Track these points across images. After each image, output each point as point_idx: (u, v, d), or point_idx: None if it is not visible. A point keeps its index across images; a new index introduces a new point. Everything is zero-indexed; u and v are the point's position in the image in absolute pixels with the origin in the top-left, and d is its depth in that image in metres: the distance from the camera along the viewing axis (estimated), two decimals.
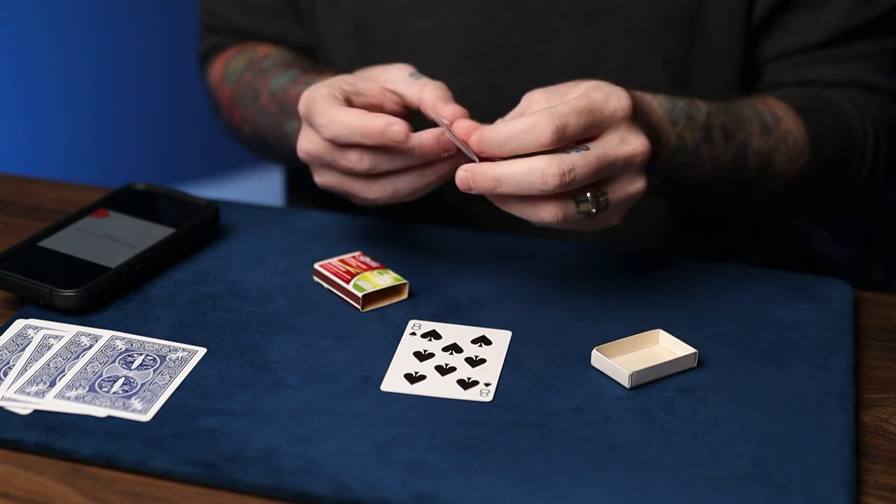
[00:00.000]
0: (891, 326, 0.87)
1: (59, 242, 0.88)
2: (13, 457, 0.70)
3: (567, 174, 0.77)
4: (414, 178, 0.85)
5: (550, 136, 0.77)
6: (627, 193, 0.82)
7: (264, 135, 1.07)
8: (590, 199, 0.80)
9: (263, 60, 1.09)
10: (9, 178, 1.06)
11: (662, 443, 0.72)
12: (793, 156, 0.99)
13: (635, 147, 0.81)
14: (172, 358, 0.78)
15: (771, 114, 0.99)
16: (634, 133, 0.81)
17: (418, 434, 0.72)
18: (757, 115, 0.98)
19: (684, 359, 0.79)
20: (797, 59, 1.07)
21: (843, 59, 1.06)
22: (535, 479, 0.69)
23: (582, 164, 0.78)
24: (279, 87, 1.03)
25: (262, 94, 1.05)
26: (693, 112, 0.91)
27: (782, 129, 0.99)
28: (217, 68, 1.15)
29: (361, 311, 0.84)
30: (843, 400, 0.76)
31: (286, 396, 0.75)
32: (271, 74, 1.05)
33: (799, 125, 1.00)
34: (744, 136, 0.95)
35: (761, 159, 0.97)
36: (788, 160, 0.99)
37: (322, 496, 0.67)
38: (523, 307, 0.86)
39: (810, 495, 0.68)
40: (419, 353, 0.80)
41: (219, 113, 1.16)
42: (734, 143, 0.94)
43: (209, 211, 0.93)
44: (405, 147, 0.82)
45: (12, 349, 0.79)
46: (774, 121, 0.98)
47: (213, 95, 1.16)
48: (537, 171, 0.77)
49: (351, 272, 0.86)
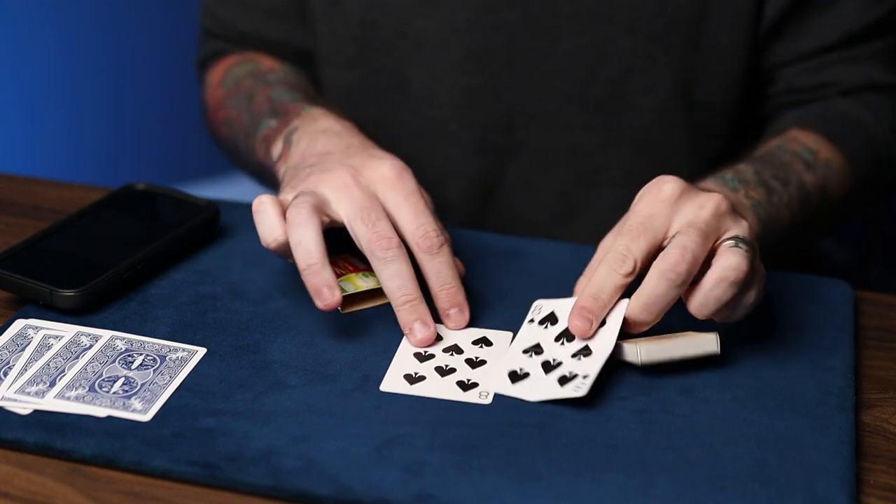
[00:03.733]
0: (891, 326, 0.87)
1: (59, 242, 0.88)
2: (13, 457, 0.71)
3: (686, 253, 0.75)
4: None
5: (626, 274, 0.76)
6: (744, 231, 0.78)
7: (236, 135, 1.06)
8: (735, 242, 0.77)
9: (268, 74, 1.08)
10: (9, 178, 1.06)
11: (662, 443, 0.72)
12: (841, 180, 1.01)
13: (710, 202, 0.78)
14: (172, 358, 0.78)
15: (807, 149, 1.00)
16: (699, 193, 0.79)
17: (418, 434, 0.72)
18: (795, 156, 0.99)
19: (702, 339, 0.77)
20: (812, 63, 1.07)
21: (857, 59, 1.06)
22: (535, 479, 0.69)
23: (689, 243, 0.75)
24: (278, 98, 1.02)
25: (256, 98, 1.04)
26: (743, 176, 0.91)
27: (822, 160, 1.00)
28: (217, 72, 1.14)
29: (342, 312, 0.84)
30: (843, 400, 0.76)
31: (286, 396, 0.75)
32: (274, 87, 1.05)
33: (834, 151, 1.01)
34: (796, 178, 0.96)
35: (819, 193, 0.98)
36: (839, 185, 1.01)
37: (322, 496, 0.67)
38: (523, 307, 0.86)
39: (810, 495, 0.68)
40: (419, 353, 0.80)
41: (206, 114, 1.16)
42: (791, 187, 0.94)
43: (209, 211, 0.93)
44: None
45: (12, 349, 0.79)
46: (812, 155, 0.99)
47: (205, 97, 1.16)
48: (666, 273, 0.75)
49: (336, 273, 0.86)
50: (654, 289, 0.75)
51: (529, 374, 0.76)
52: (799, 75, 1.07)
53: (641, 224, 0.77)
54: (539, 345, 0.79)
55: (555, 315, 0.80)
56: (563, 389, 0.74)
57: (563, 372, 0.76)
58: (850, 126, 1.05)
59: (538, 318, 0.81)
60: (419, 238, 0.81)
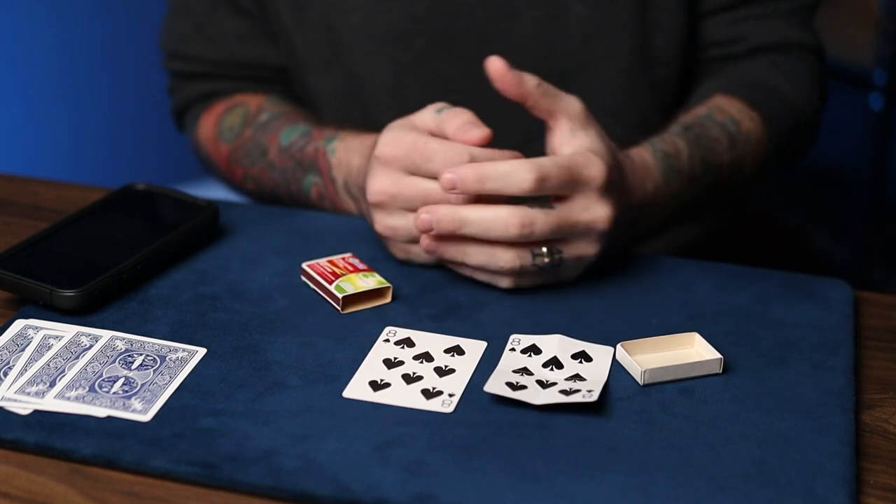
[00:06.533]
0: (891, 326, 0.87)
1: (59, 242, 0.88)
2: (13, 457, 0.70)
3: (527, 226, 0.82)
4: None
5: (530, 185, 0.82)
6: (581, 256, 0.86)
7: (272, 188, 1.07)
8: (545, 254, 0.85)
9: (259, 115, 1.09)
10: (9, 178, 1.06)
11: (662, 443, 0.72)
12: (757, 152, 1.06)
13: (598, 216, 0.85)
14: (172, 358, 0.78)
15: (731, 120, 1.04)
16: (602, 203, 0.85)
17: (418, 434, 0.72)
18: (722, 129, 1.03)
19: (705, 363, 0.78)
20: (728, 16, 1.12)
21: (768, 17, 1.12)
22: (535, 479, 0.69)
23: (543, 220, 0.83)
24: (290, 143, 1.04)
25: (270, 149, 1.06)
26: (680, 164, 0.98)
27: (744, 132, 1.05)
28: (207, 126, 1.15)
29: (342, 312, 0.84)
30: (843, 400, 0.76)
31: (286, 396, 0.75)
32: (276, 130, 1.06)
33: (755, 121, 1.06)
34: (717, 158, 1.01)
35: (732, 169, 1.04)
36: (754, 158, 1.06)
37: (322, 496, 0.67)
38: (523, 308, 0.86)
39: (810, 495, 0.68)
40: (389, 360, 0.79)
41: (212, 169, 1.17)
42: (712, 170, 1.01)
43: (209, 211, 0.93)
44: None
45: (12, 349, 0.79)
46: (736, 127, 1.04)
47: (203, 152, 1.16)
48: (501, 218, 0.82)
49: (336, 273, 0.86)
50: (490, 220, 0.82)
51: (527, 386, 0.76)
52: (715, 29, 1.12)
53: (563, 216, 0.84)
54: (527, 368, 0.78)
55: (537, 347, 0.80)
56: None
57: (563, 387, 0.76)
58: (770, 94, 1.09)
59: (519, 348, 0.80)
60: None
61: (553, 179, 0.82)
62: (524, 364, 0.78)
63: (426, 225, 0.84)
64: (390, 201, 0.86)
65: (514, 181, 0.82)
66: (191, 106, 1.19)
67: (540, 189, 0.82)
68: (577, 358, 0.79)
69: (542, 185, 0.82)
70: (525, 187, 0.82)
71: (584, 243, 0.86)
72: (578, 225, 0.85)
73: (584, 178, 0.84)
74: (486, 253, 0.84)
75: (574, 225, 0.84)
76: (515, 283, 0.86)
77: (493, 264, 0.84)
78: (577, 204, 0.84)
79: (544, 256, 0.84)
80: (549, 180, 0.82)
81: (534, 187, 0.82)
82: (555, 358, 0.79)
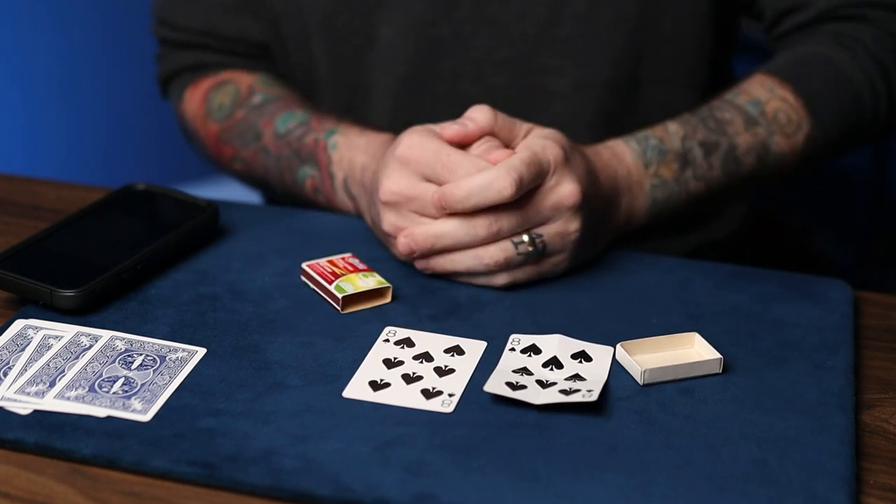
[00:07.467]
0: (891, 326, 0.87)
1: (59, 242, 0.88)
2: (13, 457, 0.70)
3: (494, 224, 0.85)
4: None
5: (511, 190, 0.83)
6: (563, 235, 0.87)
7: (262, 174, 1.07)
8: (526, 241, 0.86)
9: (252, 96, 1.08)
10: (9, 178, 1.06)
11: (662, 443, 0.72)
12: (789, 131, 1.02)
13: (563, 193, 0.86)
14: (172, 358, 0.78)
15: (753, 102, 1.01)
16: (565, 180, 0.86)
17: (418, 434, 0.72)
18: (738, 111, 1.00)
19: (705, 363, 0.78)
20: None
21: None
22: (535, 479, 0.69)
23: (508, 214, 0.85)
24: (287, 130, 1.03)
25: (264, 134, 1.05)
26: (667, 145, 0.96)
27: (769, 112, 1.01)
28: (194, 102, 1.14)
29: (341, 312, 0.84)
30: (843, 400, 0.76)
31: (286, 396, 0.75)
32: (272, 114, 1.05)
33: (787, 97, 1.02)
34: (727, 141, 0.98)
35: (755, 153, 1.00)
36: (786, 137, 1.01)
37: (322, 496, 0.67)
38: (523, 308, 0.86)
39: (810, 495, 0.68)
40: (388, 360, 0.79)
41: (198, 144, 1.16)
42: (719, 152, 0.98)
43: (209, 211, 0.93)
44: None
45: (12, 349, 0.79)
46: (758, 107, 1.00)
47: (190, 127, 1.15)
48: (468, 224, 0.85)
49: (336, 273, 0.86)
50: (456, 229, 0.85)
51: (527, 386, 0.76)
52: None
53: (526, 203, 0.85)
54: (527, 367, 0.78)
55: (537, 346, 0.80)
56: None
57: (563, 387, 0.76)
58: (812, 65, 1.04)
59: (519, 347, 0.80)
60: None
61: (527, 176, 0.84)
62: (524, 364, 0.78)
63: (408, 249, 0.86)
64: (403, 203, 0.86)
65: (494, 192, 0.83)
66: (176, 76, 1.18)
67: (520, 191, 0.84)
68: (576, 358, 0.79)
69: (521, 186, 0.83)
70: (506, 195, 0.83)
71: (561, 221, 0.87)
72: (545, 207, 0.86)
73: (544, 162, 0.85)
74: (471, 255, 0.86)
75: (540, 209, 0.86)
76: (511, 279, 0.87)
77: (480, 264, 0.86)
78: (541, 187, 0.86)
79: (527, 244, 0.86)
80: (524, 179, 0.84)
81: (514, 192, 0.83)
82: (555, 358, 0.79)
